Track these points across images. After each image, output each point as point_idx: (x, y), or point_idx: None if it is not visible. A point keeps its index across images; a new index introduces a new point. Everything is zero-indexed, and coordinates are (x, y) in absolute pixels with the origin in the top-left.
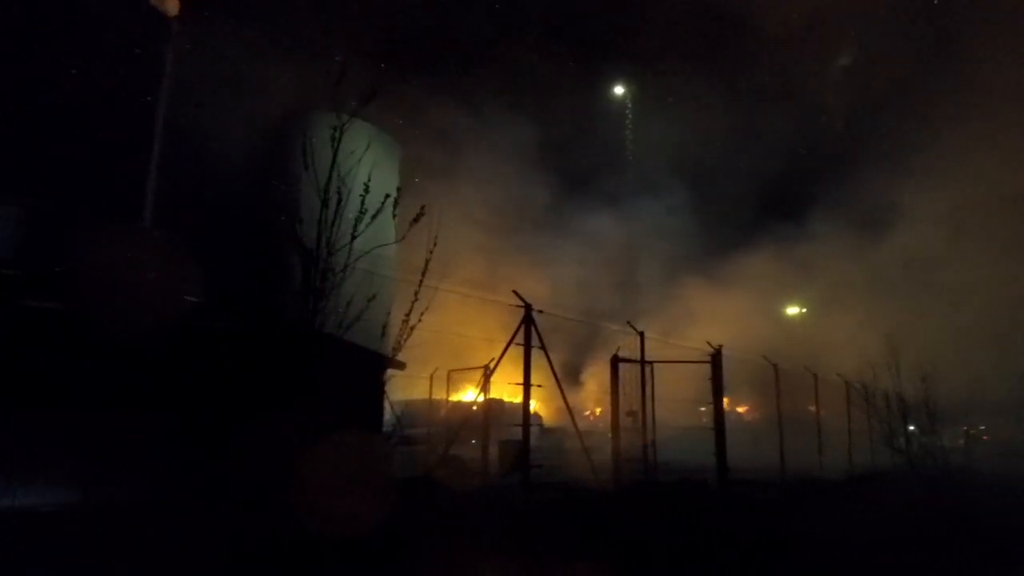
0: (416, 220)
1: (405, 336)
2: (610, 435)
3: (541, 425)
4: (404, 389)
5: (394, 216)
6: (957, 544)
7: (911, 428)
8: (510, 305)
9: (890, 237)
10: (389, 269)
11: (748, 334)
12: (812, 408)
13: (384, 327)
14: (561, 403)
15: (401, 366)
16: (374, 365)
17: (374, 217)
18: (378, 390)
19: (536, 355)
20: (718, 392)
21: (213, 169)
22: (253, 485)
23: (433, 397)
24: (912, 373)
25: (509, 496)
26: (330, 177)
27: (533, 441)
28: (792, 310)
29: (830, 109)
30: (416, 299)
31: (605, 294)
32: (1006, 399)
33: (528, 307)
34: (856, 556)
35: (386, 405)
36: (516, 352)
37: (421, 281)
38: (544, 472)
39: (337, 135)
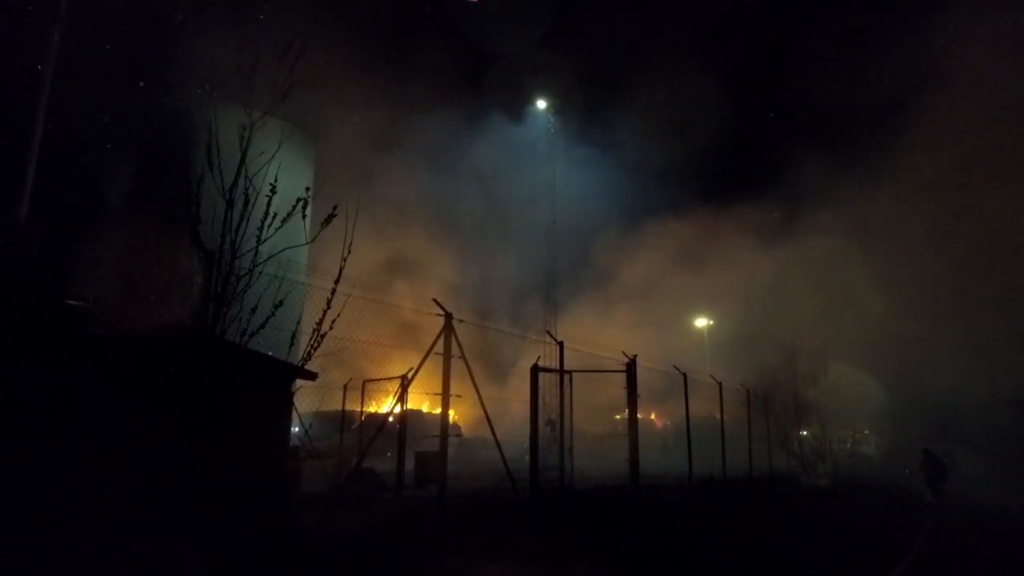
0: (327, 221)
1: (315, 344)
2: (528, 444)
3: (460, 435)
4: (319, 400)
5: (304, 217)
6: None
7: (803, 432)
8: (430, 314)
9: (794, 249)
10: (301, 275)
11: (661, 344)
12: (717, 415)
13: (293, 335)
14: (480, 412)
15: (311, 376)
16: (281, 375)
17: (284, 220)
18: (285, 401)
19: (457, 365)
20: (632, 400)
21: (104, 163)
22: (138, 507)
23: (347, 408)
24: (807, 380)
25: (424, 509)
26: (237, 177)
27: (451, 452)
28: (701, 322)
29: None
30: (328, 306)
31: (526, 303)
32: (890, 402)
33: (448, 316)
34: (746, 546)
35: (294, 417)
36: (436, 362)
37: (335, 288)
38: (462, 483)
39: (247, 133)
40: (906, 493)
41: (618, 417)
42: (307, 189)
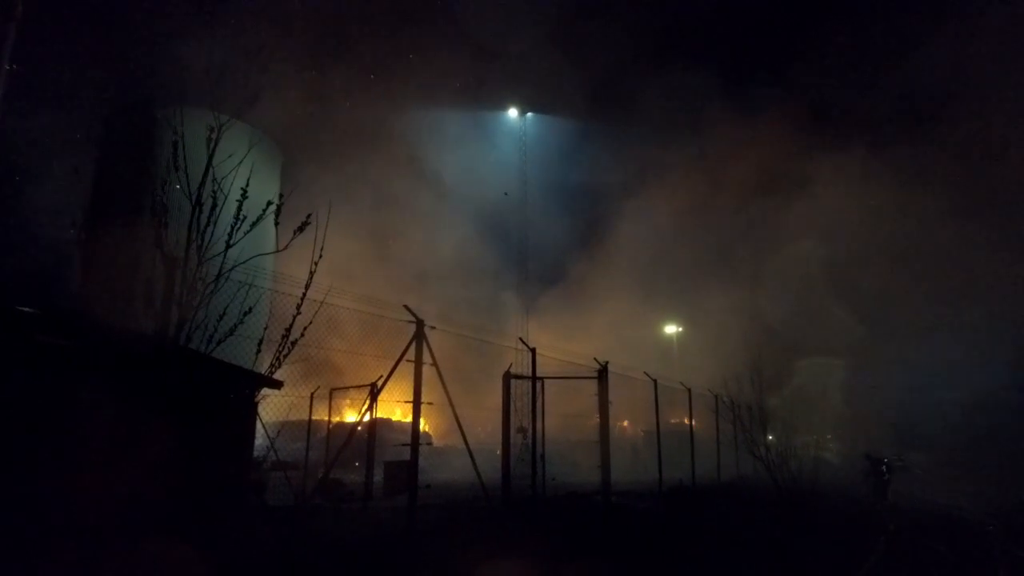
0: (300, 230)
1: (285, 353)
2: (499, 452)
3: (430, 444)
4: (286, 410)
5: (276, 224)
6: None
7: (770, 438)
8: (401, 320)
9: (765, 259)
10: (267, 281)
11: (631, 350)
12: (687, 420)
13: (260, 343)
14: (452, 420)
15: (276, 384)
16: (244, 384)
17: (254, 224)
18: (249, 411)
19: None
20: (604, 406)
21: (63, 163)
22: (86, 528)
23: (314, 417)
24: (772, 387)
25: (394, 520)
26: (204, 180)
27: (422, 461)
28: (670, 328)
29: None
30: (298, 313)
31: (500, 310)
32: (851, 410)
33: (420, 322)
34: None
35: (259, 427)
36: (407, 369)
37: (304, 295)
38: (433, 492)
39: (215, 136)
40: (864, 497)
41: (590, 423)
42: (280, 196)
